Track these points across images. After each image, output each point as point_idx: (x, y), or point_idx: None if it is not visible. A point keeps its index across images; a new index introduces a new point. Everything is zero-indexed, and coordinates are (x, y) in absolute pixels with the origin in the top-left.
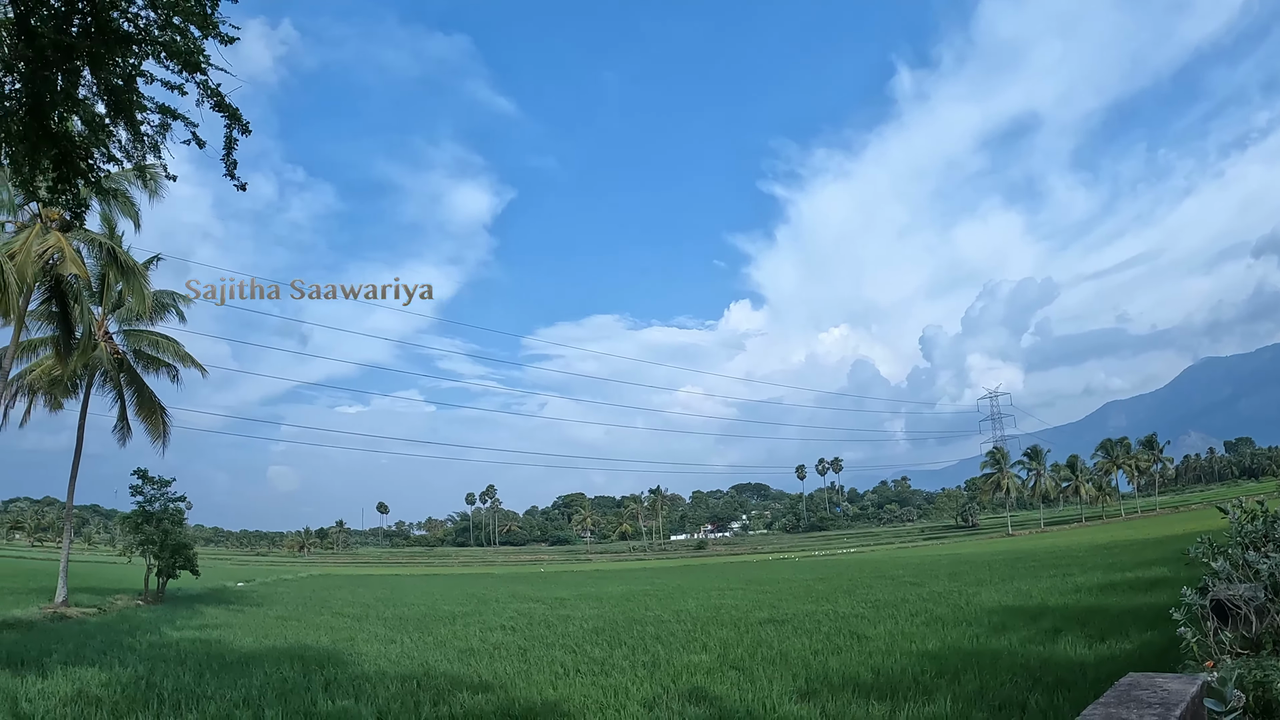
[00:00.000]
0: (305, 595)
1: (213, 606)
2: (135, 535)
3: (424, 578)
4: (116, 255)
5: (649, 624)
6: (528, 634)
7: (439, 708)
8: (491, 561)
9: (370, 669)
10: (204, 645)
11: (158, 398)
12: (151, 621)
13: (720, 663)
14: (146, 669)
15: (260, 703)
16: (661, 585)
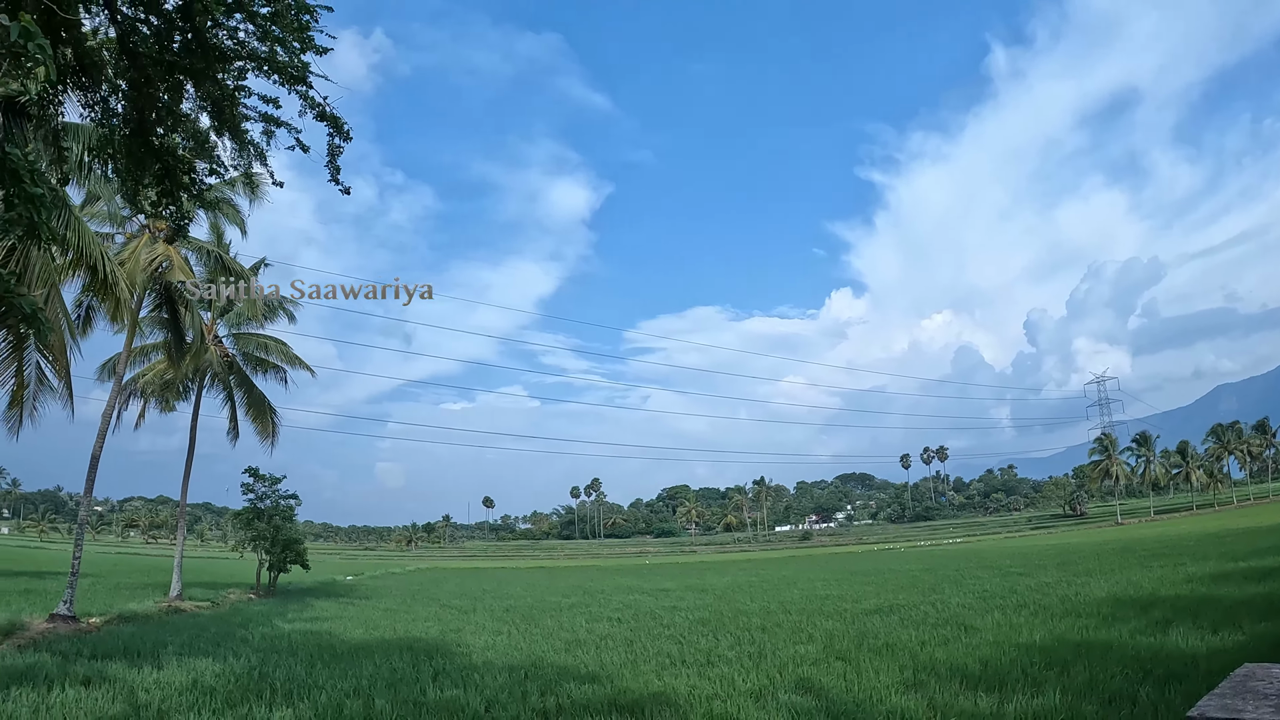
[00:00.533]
0: (413, 588)
1: (323, 600)
2: (247, 531)
3: (529, 570)
4: (224, 261)
5: (754, 615)
6: (633, 625)
7: (546, 698)
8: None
9: (478, 660)
10: (314, 637)
11: (267, 398)
12: (263, 614)
13: (826, 653)
14: (259, 660)
15: (370, 692)
16: (766, 576)
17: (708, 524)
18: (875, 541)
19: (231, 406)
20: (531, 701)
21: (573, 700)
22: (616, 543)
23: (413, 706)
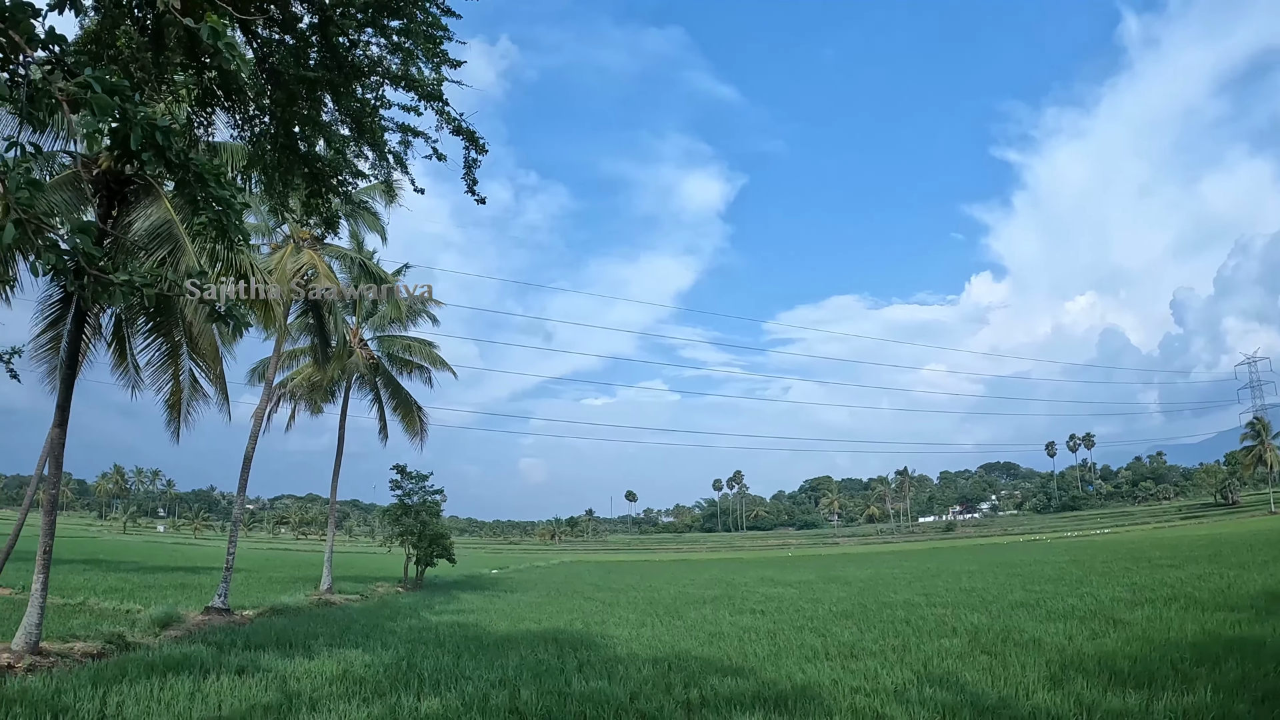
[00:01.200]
0: (557, 581)
1: (468, 592)
2: (395, 527)
3: (672, 563)
4: (366, 267)
5: (898, 607)
6: (776, 617)
7: (690, 690)
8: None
9: (622, 651)
10: (461, 629)
11: (413, 398)
12: (411, 607)
13: (971, 647)
14: (407, 651)
15: (516, 683)
16: (910, 568)
17: (850, 515)
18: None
19: (379, 407)
20: (675, 693)
21: (716, 693)
22: (758, 535)
23: (557, 697)
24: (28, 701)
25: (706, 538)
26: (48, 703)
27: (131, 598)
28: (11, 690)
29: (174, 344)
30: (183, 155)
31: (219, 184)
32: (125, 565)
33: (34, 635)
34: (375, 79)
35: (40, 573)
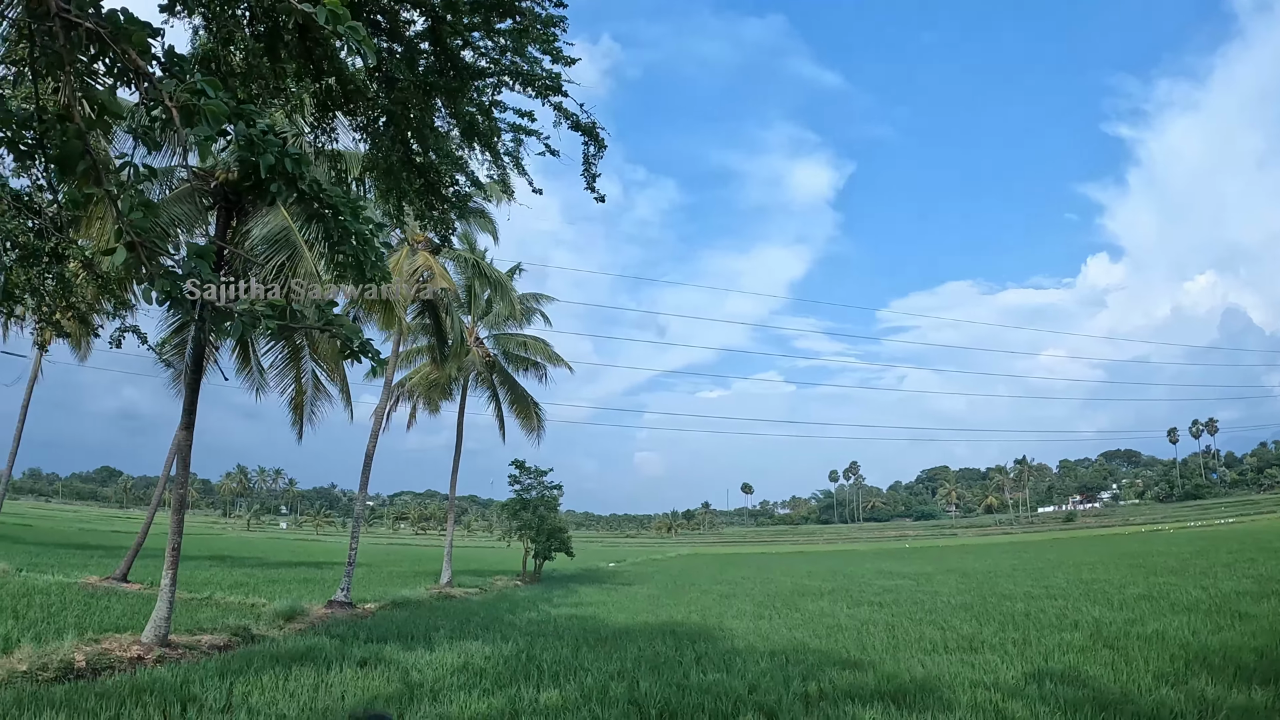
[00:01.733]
0: (674, 574)
1: (586, 586)
2: (514, 521)
3: (789, 556)
4: (480, 267)
5: (1017, 600)
6: (894, 610)
7: (808, 683)
8: (856, 538)
9: (740, 644)
10: (579, 621)
11: (529, 394)
12: (529, 600)
13: (1093, 641)
14: (526, 643)
15: (634, 675)
16: (1029, 560)
17: (968, 506)
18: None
19: (496, 404)
20: (794, 687)
21: (835, 686)
22: (875, 526)
23: (676, 689)
24: (157, 691)
25: (823, 529)
26: (176, 692)
27: (256, 592)
28: (142, 680)
29: (295, 347)
30: (315, 186)
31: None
32: (249, 561)
33: (163, 628)
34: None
35: (169, 568)
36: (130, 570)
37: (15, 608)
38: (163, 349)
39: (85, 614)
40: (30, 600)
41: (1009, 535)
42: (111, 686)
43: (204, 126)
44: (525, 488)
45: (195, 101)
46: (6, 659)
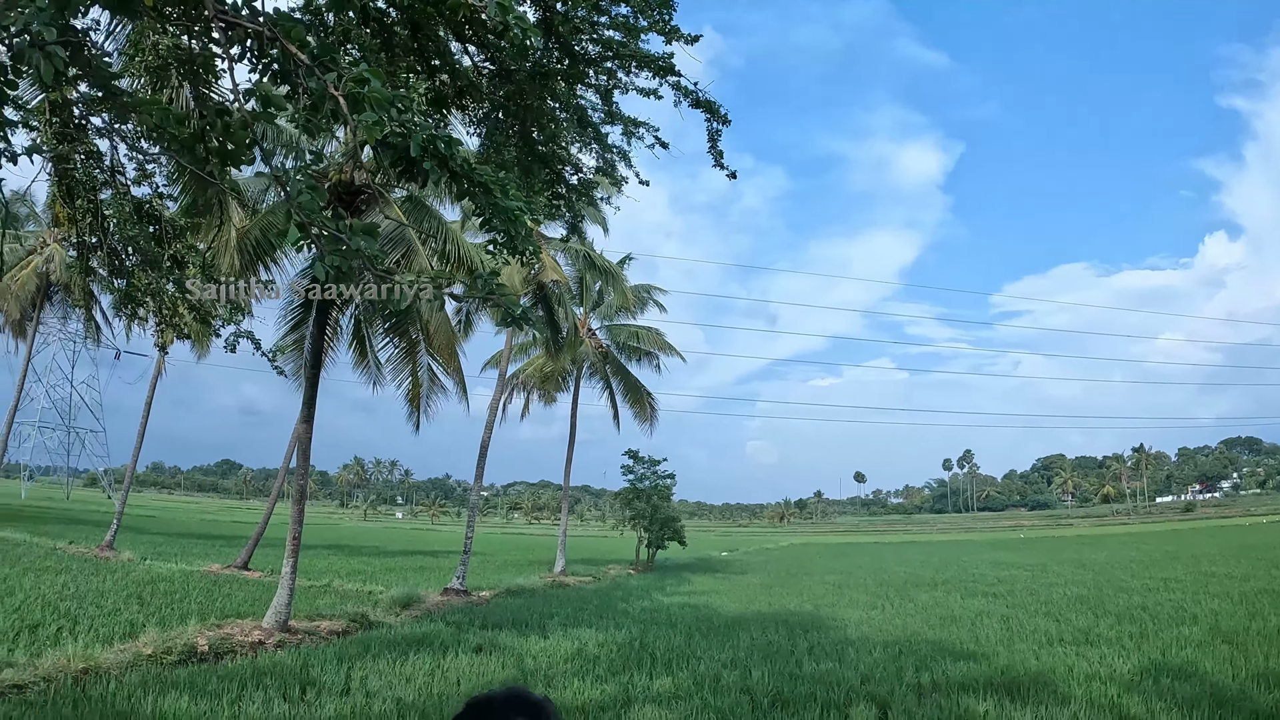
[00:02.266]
0: (786, 563)
1: (699, 574)
2: (627, 510)
3: (902, 545)
4: (592, 259)
5: (1135, 593)
6: (1009, 601)
7: (921, 674)
8: (969, 528)
9: (852, 634)
10: (692, 610)
11: (642, 384)
12: (642, 588)
13: (1211, 636)
14: (639, 631)
15: (747, 664)
16: (1147, 551)
17: (1084, 495)
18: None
19: (610, 394)
20: (907, 677)
21: (948, 677)
22: (989, 516)
23: (788, 678)
24: (278, 674)
25: (937, 519)
26: (296, 675)
27: (373, 580)
28: (263, 664)
29: (411, 342)
30: (466, 165)
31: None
32: (366, 550)
33: (283, 614)
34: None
35: (290, 556)
36: (251, 559)
37: (140, 595)
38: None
39: (207, 600)
40: (155, 587)
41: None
42: (233, 670)
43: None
44: (639, 477)
45: (360, 90)
46: (133, 643)
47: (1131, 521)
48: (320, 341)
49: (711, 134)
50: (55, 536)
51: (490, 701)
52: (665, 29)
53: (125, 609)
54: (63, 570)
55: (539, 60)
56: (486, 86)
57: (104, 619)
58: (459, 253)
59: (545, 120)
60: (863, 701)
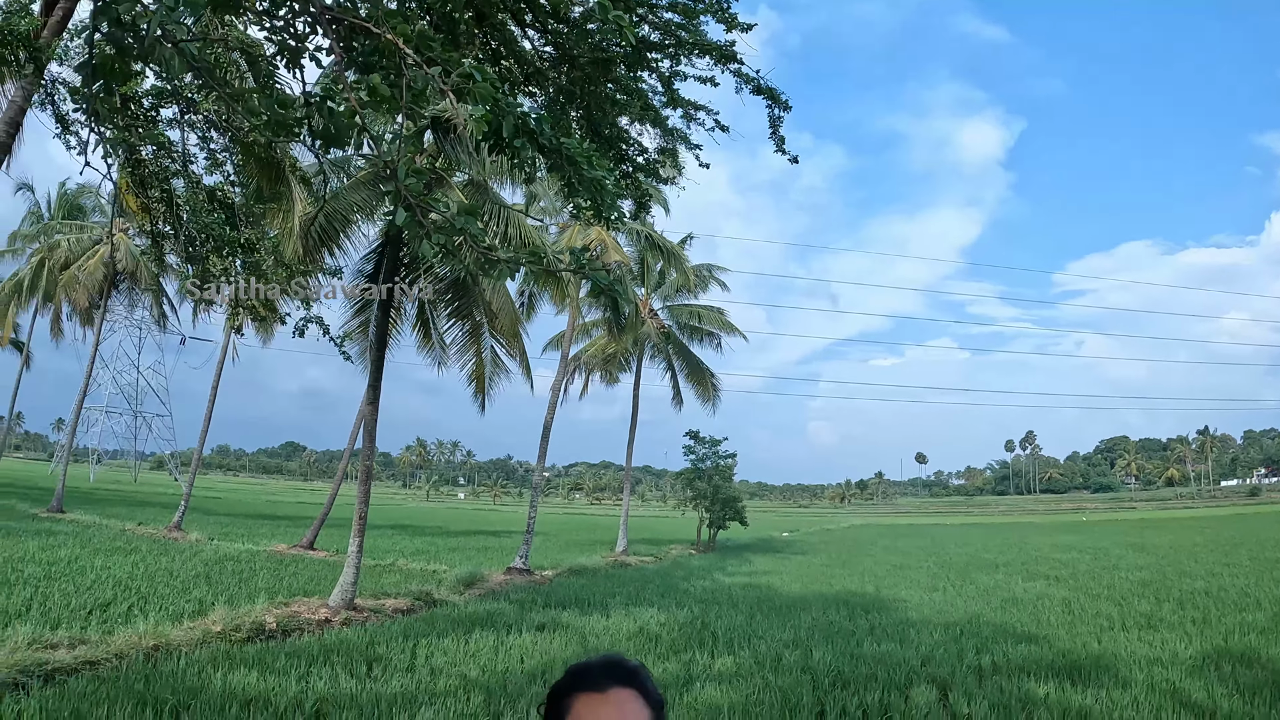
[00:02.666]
0: (847, 544)
1: (760, 555)
2: (688, 490)
3: (963, 527)
4: (653, 240)
5: (1197, 577)
6: (1071, 585)
7: (982, 656)
8: (1031, 510)
9: (913, 615)
10: (753, 590)
11: (704, 364)
12: (704, 568)
13: (1275, 622)
14: (700, 610)
15: (808, 644)
16: (1212, 536)
17: (1148, 478)
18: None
19: (672, 374)
20: (967, 659)
21: (1009, 659)
22: (1051, 499)
23: (849, 658)
24: (344, 651)
25: (998, 501)
26: (362, 652)
27: (436, 559)
28: (330, 641)
29: (475, 324)
30: (555, 140)
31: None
32: (429, 530)
33: (349, 592)
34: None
35: (356, 535)
36: (316, 539)
37: (209, 574)
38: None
39: (274, 579)
40: (223, 567)
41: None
42: (301, 646)
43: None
44: (700, 457)
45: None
46: (202, 621)
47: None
48: (385, 325)
49: (773, 120)
50: (124, 518)
51: (589, 667)
52: (724, 16)
53: (194, 588)
54: (132, 550)
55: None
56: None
57: (173, 597)
58: (520, 235)
59: (608, 104)
60: (923, 683)
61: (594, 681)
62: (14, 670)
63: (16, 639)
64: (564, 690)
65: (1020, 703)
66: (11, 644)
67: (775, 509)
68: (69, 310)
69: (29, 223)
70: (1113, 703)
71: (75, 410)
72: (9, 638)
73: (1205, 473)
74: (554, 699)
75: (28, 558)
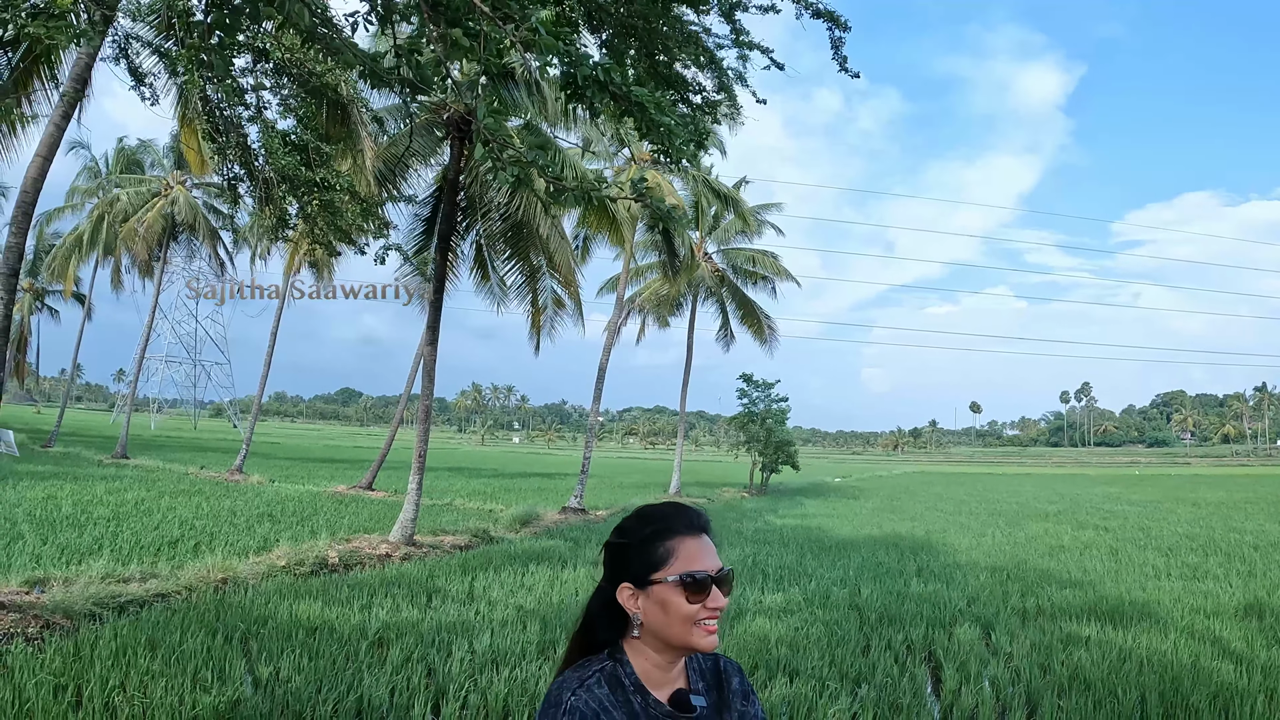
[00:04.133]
0: (898, 490)
1: (811, 499)
2: (741, 434)
3: (1015, 477)
4: (708, 183)
5: (1247, 533)
6: (1119, 535)
7: (1026, 599)
8: (1085, 463)
9: (961, 559)
10: (804, 531)
11: (758, 305)
12: (756, 510)
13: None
14: (753, 550)
15: (857, 582)
16: (1264, 493)
17: (1204, 434)
18: None
19: (724, 315)
20: (1012, 601)
21: (1053, 603)
22: (1106, 451)
23: (896, 596)
24: (405, 583)
25: (1052, 452)
26: (422, 584)
27: (493, 499)
28: (390, 574)
29: (533, 266)
30: (624, 88)
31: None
32: (485, 472)
33: (409, 529)
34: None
35: (415, 474)
36: (375, 480)
37: (271, 513)
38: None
39: (335, 518)
40: (284, 506)
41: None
42: (362, 579)
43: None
44: (753, 401)
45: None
46: (266, 555)
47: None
48: (443, 267)
49: (834, 41)
50: (186, 463)
51: (652, 507)
52: None
53: (258, 526)
54: (196, 493)
55: None
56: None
57: (238, 535)
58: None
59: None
60: (968, 622)
61: (689, 524)
62: (89, 602)
63: (91, 574)
64: (658, 534)
65: (1061, 643)
66: (86, 578)
67: (828, 455)
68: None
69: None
70: (1152, 646)
71: (138, 360)
72: (84, 573)
73: (1262, 431)
74: (655, 538)
75: (96, 500)
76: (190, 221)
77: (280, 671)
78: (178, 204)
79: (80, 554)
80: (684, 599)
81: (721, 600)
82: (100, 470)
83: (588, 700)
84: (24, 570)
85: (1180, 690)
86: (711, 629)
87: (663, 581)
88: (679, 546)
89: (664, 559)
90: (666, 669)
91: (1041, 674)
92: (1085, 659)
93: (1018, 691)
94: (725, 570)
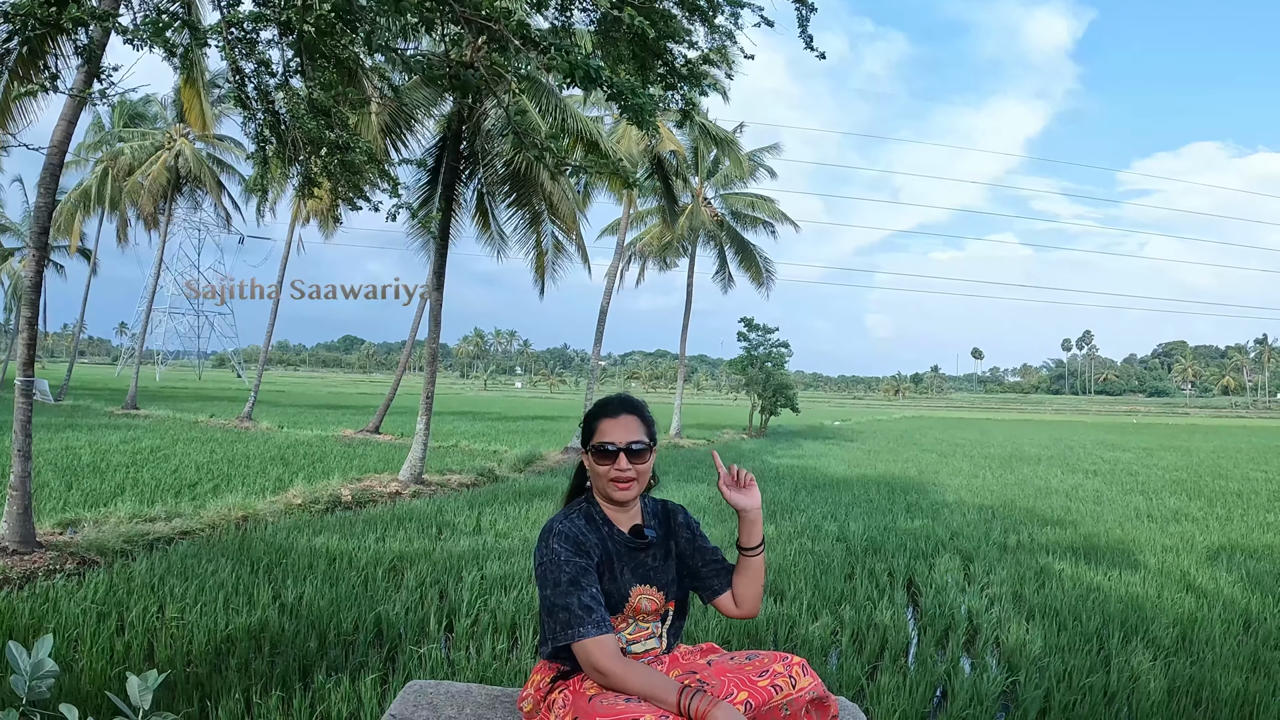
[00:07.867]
0: (896, 434)
1: (809, 441)
2: (741, 377)
3: (1013, 423)
4: (707, 129)
5: (1232, 479)
6: (1107, 479)
7: (1009, 535)
8: (1084, 411)
9: (950, 498)
10: (799, 470)
11: (757, 248)
12: (754, 451)
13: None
14: None
15: (846, 517)
16: (1257, 444)
17: (1204, 385)
18: None
19: (722, 258)
20: (994, 537)
21: (1032, 539)
22: (1105, 400)
23: (882, 530)
24: (416, 518)
25: (1052, 400)
26: (432, 519)
27: (497, 441)
28: (401, 510)
29: (535, 213)
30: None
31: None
32: (489, 416)
33: (418, 468)
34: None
35: (423, 414)
36: (382, 424)
37: (283, 456)
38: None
39: (346, 460)
40: (295, 450)
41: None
42: (375, 515)
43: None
44: (753, 344)
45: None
46: (283, 495)
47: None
48: (448, 214)
49: (801, 19)
50: (195, 412)
51: (608, 399)
52: None
53: (272, 468)
54: (209, 440)
55: None
56: None
57: (254, 477)
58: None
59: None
60: (949, 553)
61: (611, 409)
62: (120, 540)
63: (119, 515)
64: (592, 416)
65: (1035, 574)
66: (115, 519)
67: (830, 399)
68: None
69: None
70: (1122, 581)
71: (146, 312)
72: (112, 514)
73: (1262, 384)
74: (586, 422)
75: (112, 449)
76: (196, 173)
77: (304, 596)
78: (182, 156)
79: (105, 497)
80: (596, 464)
81: (626, 465)
82: (112, 420)
83: (569, 527)
84: (55, 514)
85: (1142, 618)
86: (623, 486)
87: (588, 450)
88: (599, 425)
89: (591, 434)
90: (618, 511)
91: (1014, 601)
92: (1056, 589)
93: (990, 615)
94: (632, 443)
